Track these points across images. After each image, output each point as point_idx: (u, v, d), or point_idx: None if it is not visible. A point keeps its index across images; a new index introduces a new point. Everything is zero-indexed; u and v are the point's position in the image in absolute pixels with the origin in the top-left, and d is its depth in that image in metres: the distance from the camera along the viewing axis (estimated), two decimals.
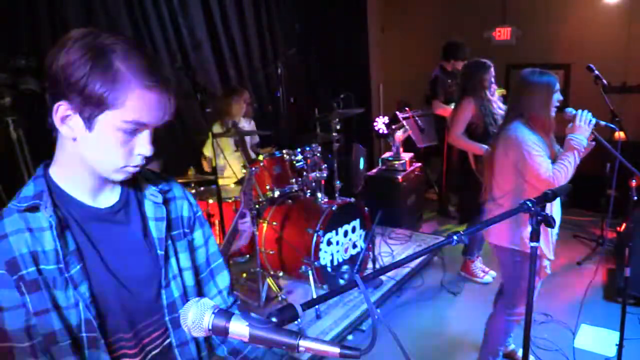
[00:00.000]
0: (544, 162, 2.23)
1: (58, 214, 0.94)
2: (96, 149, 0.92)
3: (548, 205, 1.44)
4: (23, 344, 0.91)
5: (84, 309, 0.94)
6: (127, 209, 1.04)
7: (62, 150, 0.96)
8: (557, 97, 2.30)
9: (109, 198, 1.03)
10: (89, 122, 0.89)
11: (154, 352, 1.07)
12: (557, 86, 2.30)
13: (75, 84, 0.86)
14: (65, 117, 0.90)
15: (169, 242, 1.08)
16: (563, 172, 2.22)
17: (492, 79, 3.50)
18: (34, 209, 0.93)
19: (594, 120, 2.29)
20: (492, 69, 3.48)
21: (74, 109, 0.89)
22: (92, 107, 0.88)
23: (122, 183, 1.02)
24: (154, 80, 0.89)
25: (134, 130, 0.92)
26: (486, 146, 3.39)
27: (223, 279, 1.22)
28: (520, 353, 2.86)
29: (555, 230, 2.36)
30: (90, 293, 0.95)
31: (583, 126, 2.27)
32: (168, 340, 1.09)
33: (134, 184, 1.05)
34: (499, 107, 3.49)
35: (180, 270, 1.09)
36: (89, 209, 0.99)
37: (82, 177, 0.97)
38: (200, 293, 1.16)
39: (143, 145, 0.94)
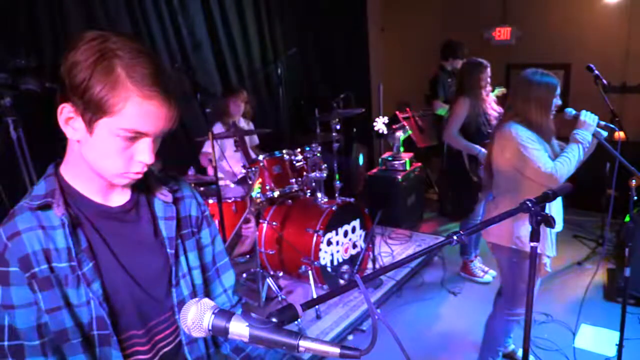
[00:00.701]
0: (542, 156, 2.21)
1: (70, 212, 0.95)
2: (97, 153, 0.92)
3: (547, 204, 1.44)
4: (33, 341, 0.92)
5: (96, 307, 0.95)
6: (138, 208, 1.05)
7: (70, 150, 0.97)
8: (556, 101, 2.29)
9: (120, 197, 1.03)
10: (89, 126, 0.89)
11: (165, 349, 1.08)
12: (558, 90, 2.28)
13: (77, 87, 0.86)
14: (68, 119, 0.91)
15: (179, 241, 1.09)
16: (565, 164, 2.19)
17: (488, 79, 3.50)
18: (46, 207, 0.94)
19: (597, 118, 2.29)
20: (489, 69, 3.48)
21: (77, 111, 0.89)
22: (91, 111, 0.87)
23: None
24: (155, 90, 0.88)
25: (133, 138, 0.91)
26: (479, 147, 3.41)
27: (228, 278, 1.23)
28: (520, 353, 2.86)
29: (557, 228, 2.36)
30: (103, 290, 0.96)
31: (588, 122, 2.26)
32: (179, 338, 1.10)
33: (144, 183, 1.06)
34: (492, 108, 3.50)
35: (189, 268, 1.11)
36: (100, 207, 1.00)
37: (91, 177, 0.97)
38: (207, 291, 1.18)
39: (143, 153, 0.93)
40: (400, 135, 4.75)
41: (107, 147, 0.91)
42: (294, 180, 3.45)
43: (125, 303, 1.00)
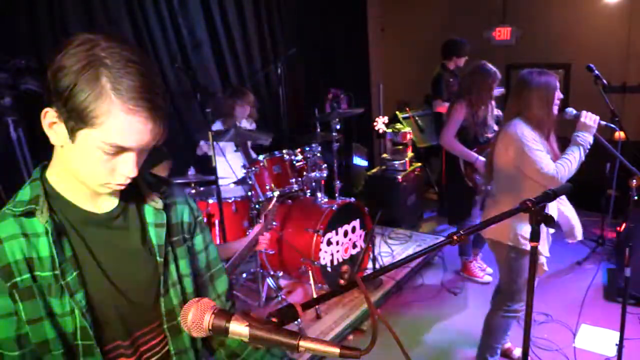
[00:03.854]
0: (544, 157, 2.22)
1: (54, 219, 0.92)
2: (78, 161, 0.89)
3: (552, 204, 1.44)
4: (13, 352, 0.89)
5: (79, 317, 0.92)
6: (126, 214, 1.01)
7: (56, 154, 0.94)
8: (558, 95, 2.30)
9: (108, 202, 1.00)
10: (71, 134, 0.86)
11: None
12: (557, 86, 2.29)
13: (61, 93, 0.83)
14: (52, 124, 0.87)
15: (169, 248, 1.05)
16: (567, 166, 2.21)
17: (495, 90, 3.47)
18: (29, 214, 0.90)
19: (597, 118, 2.29)
20: (498, 81, 3.43)
21: (60, 117, 0.85)
22: (73, 120, 0.84)
23: None
24: (140, 105, 0.83)
25: (116, 152, 0.87)
26: (476, 154, 3.40)
27: (222, 284, 1.20)
28: (516, 351, 2.87)
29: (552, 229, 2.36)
30: (87, 300, 0.93)
31: (588, 123, 2.27)
32: (166, 348, 1.07)
33: (134, 188, 1.02)
34: (492, 115, 3.46)
35: (179, 277, 1.07)
36: (86, 214, 0.96)
37: (76, 182, 0.94)
38: (200, 295, 1.14)
39: (126, 166, 0.89)
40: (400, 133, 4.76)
41: (89, 158, 0.87)
42: (294, 180, 3.45)
43: (110, 313, 0.97)
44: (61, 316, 0.91)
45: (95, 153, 0.86)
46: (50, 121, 0.87)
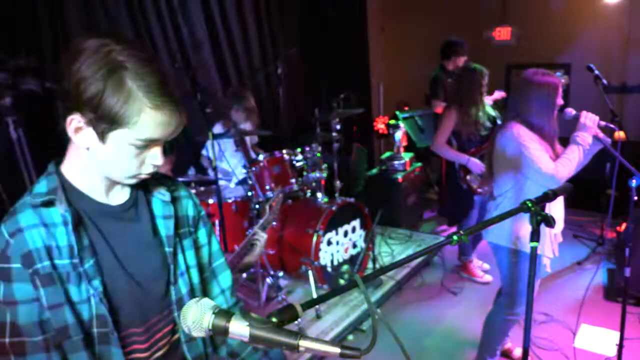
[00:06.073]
0: (543, 157, 2.21)
1: (71, 210, 0.96)
2: (109, 159, 0.95)
3: (549, 204, 1.44)
4: (36, 337, 0.92)
5: (96, 304, 0.96)
6: (137, 206, 1.07)
7: (76, 153, 0.98)
8: (558, 101, 2.28)
9: (120, 195, 1.05)
10: (102, 136, 0.91)
11: (164, 347, 1.09)
12: (560, 90, 2.26)
13: (89, 101, 0.88)
14: (78, 129, 0.92)
15: (177, 239, 1.11)
16: (567, 165, 2.20)
17: (485, 86, 3.47)
18: (49, 204, 0.95)
19: (597, 118, 2.28)
20: (487, 76, 3.43)
21: (88, 122, 0.90)
22: (105, 123, 0.89)
23: None
24: (165, 98, 0.90)
25: (146, 145, 0.94)
26: (466, 156, 3.41)
27: (225, 279, 1.24)
28: (516, 351, 2.87)
29: (556, 229, 2.36)
30: (103, 287, 0.97)
31: (588, 124, 2.26)
32: (177, 336, 1.12)
33: (142, 182, 1.07)
34: (488, 115, 3.47)
35: (187, 267, 1.12)
36: (101, 205, 1.01)
37: (94, 176, 0.99)
38: (205, 292, 1.19)
39: (155, 157, 0.97)
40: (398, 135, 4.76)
41: (121, 155, 0.94)
42: (294, 180, 3.45)
43: (125, 300, 1.01)
44: (78, 304, 0.95)
45: (128, 149, 0.93)
46: (77, 127, 0.92)
